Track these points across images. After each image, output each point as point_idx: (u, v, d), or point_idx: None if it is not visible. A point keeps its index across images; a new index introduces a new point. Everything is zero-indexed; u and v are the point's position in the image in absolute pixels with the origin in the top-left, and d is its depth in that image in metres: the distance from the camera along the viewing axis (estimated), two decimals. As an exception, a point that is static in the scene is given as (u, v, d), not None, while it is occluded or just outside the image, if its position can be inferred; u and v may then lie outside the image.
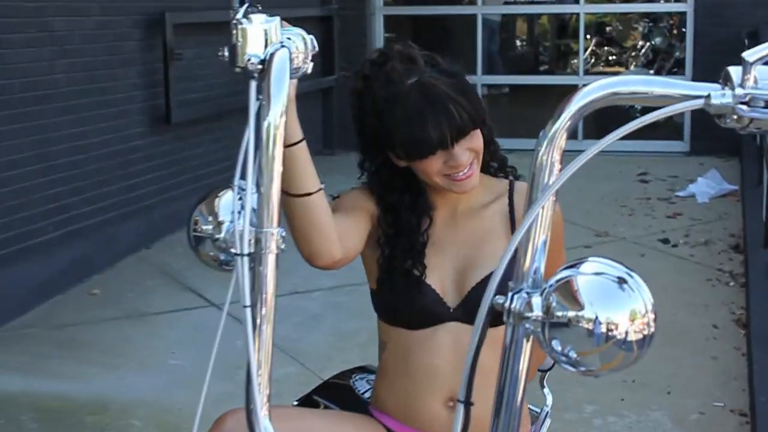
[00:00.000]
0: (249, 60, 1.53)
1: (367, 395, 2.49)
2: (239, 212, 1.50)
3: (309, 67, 1.68)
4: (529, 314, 1.15)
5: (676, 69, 11.35)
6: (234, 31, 1.56)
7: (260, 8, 1.61)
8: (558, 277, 1.15)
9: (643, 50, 12.95)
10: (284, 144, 1.51)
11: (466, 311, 2.24)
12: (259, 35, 1.55)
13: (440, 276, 2.26)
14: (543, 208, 1.18)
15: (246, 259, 1.44)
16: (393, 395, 2.32)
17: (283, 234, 1.48)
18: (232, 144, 8.28)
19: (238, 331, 1.42)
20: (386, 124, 2.15)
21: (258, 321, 1.46)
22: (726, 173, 8.76)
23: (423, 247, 2.26)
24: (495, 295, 1.17)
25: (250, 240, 1.45)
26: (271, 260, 1.46)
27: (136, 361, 5.07)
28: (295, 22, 1.67)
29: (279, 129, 1.50)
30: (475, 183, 2.20)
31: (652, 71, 12.20)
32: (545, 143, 1.18)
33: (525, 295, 1.16)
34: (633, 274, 1.15)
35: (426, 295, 2.24)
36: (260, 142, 1.48)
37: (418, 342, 2.27)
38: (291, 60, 1.57)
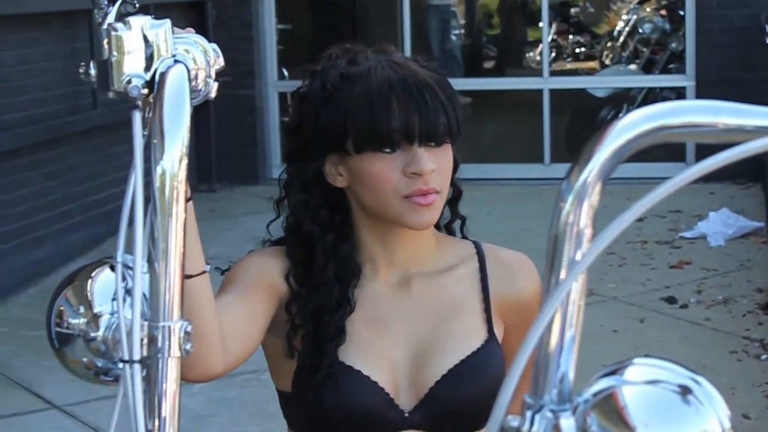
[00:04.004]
0: (129, 82, 1.50)
1: None
2: (124, 300, 1.46)
3: (213, 89, 1.65)
4: (559, 441, 1.12)
5: (672, 65, 11.51)
6: (105, 41, 1.52)
7: (137, 5, 1.57)
8: (596, 388, 1.12)
9: (621, 38, 13.12)
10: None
11: (427, 415, 2.20)
12: (142, 47, 1.52)
13: (390, 367, 2.22)
14: (570, 291, 1.15)
15: (137, 366, 1.40)
16: None
17: (188, 329, 1.44)
18: (72, 180, 8.23)
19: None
20: (337, 105, 2.16)
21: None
22: (746, 205, 8.88)
23: (344, 313, 2.21)
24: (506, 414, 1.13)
25: (142, 339, 1.40)
26: (173, 367, 1.42)
27: (-53, 493, 4.98)
28: (155, 10, 1.62)
29: (178, 178, 1.46)
30: (436, 216, 2.21)
31: (634, 66, 12.36)
32: (570, 199, 1.15)
33: (549, 414, 1.13)
34: (700, 379, 1.13)
35: (370, 395, 2.19)
36: (153, 197, 1.44)
37: None
38: (189, 80, 1.54)
